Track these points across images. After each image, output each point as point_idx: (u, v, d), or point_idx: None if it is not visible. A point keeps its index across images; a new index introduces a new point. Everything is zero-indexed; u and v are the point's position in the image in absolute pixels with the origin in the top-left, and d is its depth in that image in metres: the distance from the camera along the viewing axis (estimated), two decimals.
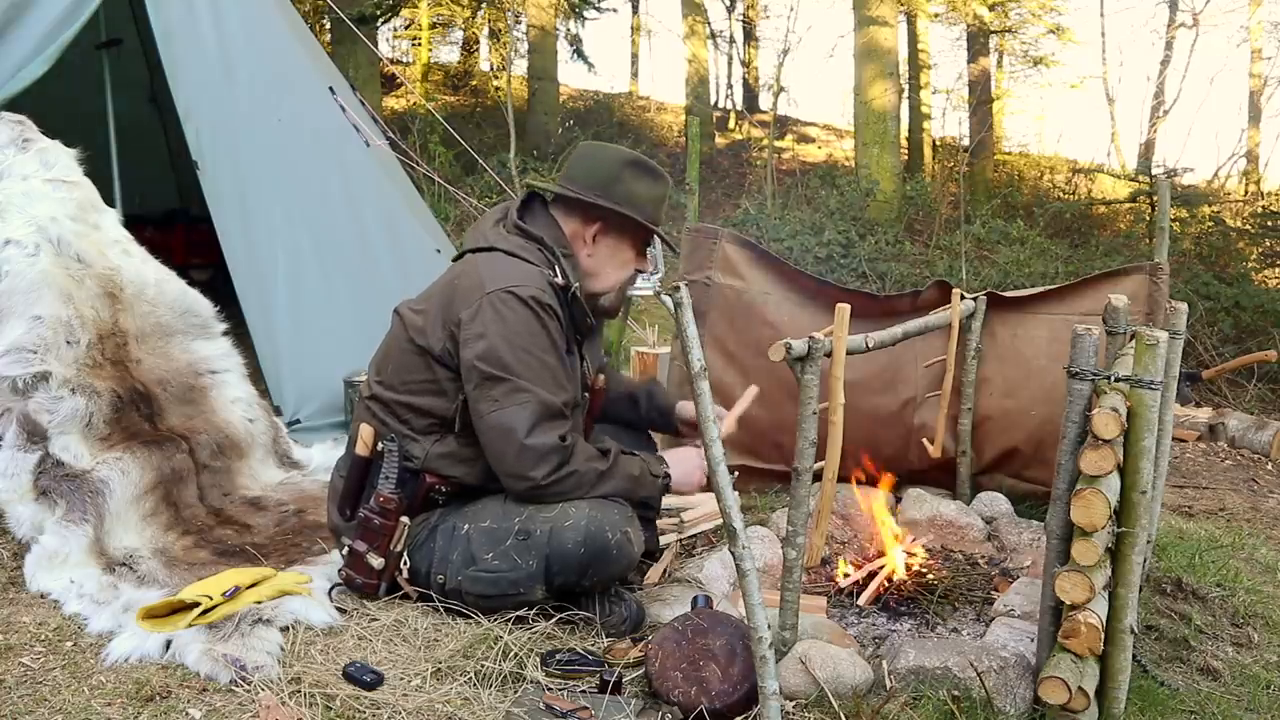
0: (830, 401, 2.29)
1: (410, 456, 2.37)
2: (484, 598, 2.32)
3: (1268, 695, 2.35)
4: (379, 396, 2.42)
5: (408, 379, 2.38)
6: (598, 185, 2.45)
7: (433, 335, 2.34)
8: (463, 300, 2.32)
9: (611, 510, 2.34)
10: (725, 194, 12.07)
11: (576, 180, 2.47)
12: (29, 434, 2.64)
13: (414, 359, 2.38)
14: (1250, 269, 8.70)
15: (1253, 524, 3.86)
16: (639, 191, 2.46)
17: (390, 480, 2.36)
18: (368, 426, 2.41)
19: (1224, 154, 25.51)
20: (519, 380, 2.26)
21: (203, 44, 4.03)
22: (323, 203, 4.27)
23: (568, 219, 2.49)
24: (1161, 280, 3.20)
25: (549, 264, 2.40)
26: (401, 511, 2.35)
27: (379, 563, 2.35)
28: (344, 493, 2.46)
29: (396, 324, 2.47)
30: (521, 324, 2.28)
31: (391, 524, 2.35)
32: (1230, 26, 24.00)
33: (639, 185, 2.47)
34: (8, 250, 2.87)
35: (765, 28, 21.80)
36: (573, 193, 2.45)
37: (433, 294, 2.45)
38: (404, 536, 2.36)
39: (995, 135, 13.64)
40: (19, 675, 2.01)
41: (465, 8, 13.22)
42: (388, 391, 2.40)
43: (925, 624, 2.54)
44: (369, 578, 2.37)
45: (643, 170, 2.50)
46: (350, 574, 2.39)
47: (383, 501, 2.35)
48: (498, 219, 2.51)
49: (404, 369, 2.39)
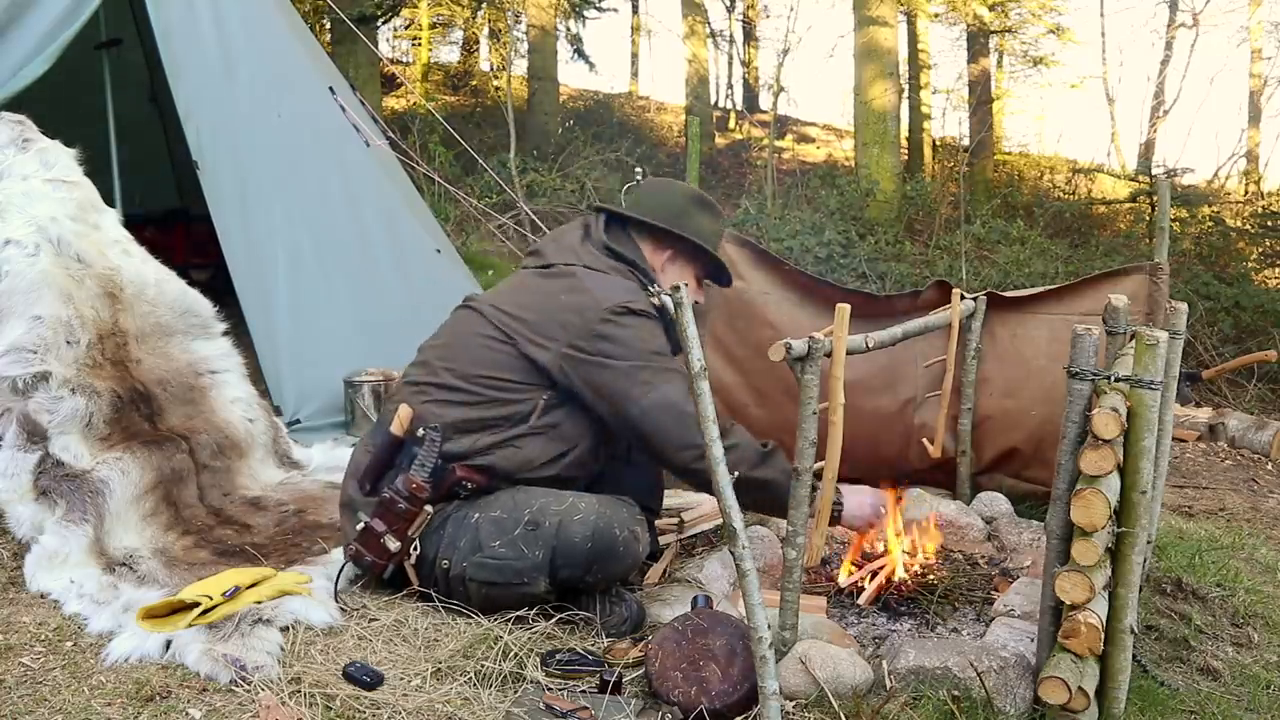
0: (830, 401, 2.29)
1: (450, 451, 2.38)
2: (487, 584, 2.32)
3: (1268, 695, 2.35)
4: (445, 383, 2.44)
5: (492, 374, 2.43)
6: (670, 217, 2.63)
7: (542, 345, 2.42)
8: (582, 318, 2.41)
9: (621, 508, 2.38)
10: (725, 194, 12.06)
11: (647, 210, 2.65)
12: (29, 434, 2.64)
13: (507, 359, 2.44)
14: (1250, 269, 8.71)
15: (1253, 524, 3.86)
16: (705, 225, 2.67)
17: (425, 468, 2.35)
18: (406, 407, 2.43)
19: (1224, 154, 25.54)
20: (662, 363, 2.40)
21: (203, 44, 4.03)
22: (323, 203, 4.28)
23: (640, 244, 2.64)
24: (1161, 280, 3.20)
25: (642, 286, 2.54)
26: (428, 500, 2.36)
27: (395, 545, 2.35)
28: (369, 467, 2.45)
29: (473, 319, 2.52)
30: (647, 330, 2.44)
31: (416, 510, 2.35)
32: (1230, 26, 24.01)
33: (704, 219, 2.68)
34: (8, 250, 2.87)
35: (765, 28, 21.79)
36: (651, 220, 2.62)
37: (530, 303, 2.49)
38: (423, 525, 2.37)
39: (995, 135, 13.65)
40: (19, 675, 2.01)
41: (465, 8, 13.22)
42: (459, 380, 2.44)
43: (925, 624, 2.54)
44: (380, 557, 2.36)
45: (707, 207, 2.72)
46: (360, 549, 2.38)
47: (414, 488, 2.34)
48: (582, 236, 2.63)
49: (487, 364, 2.44)
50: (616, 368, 2.37)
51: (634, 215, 2.64)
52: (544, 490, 2.41)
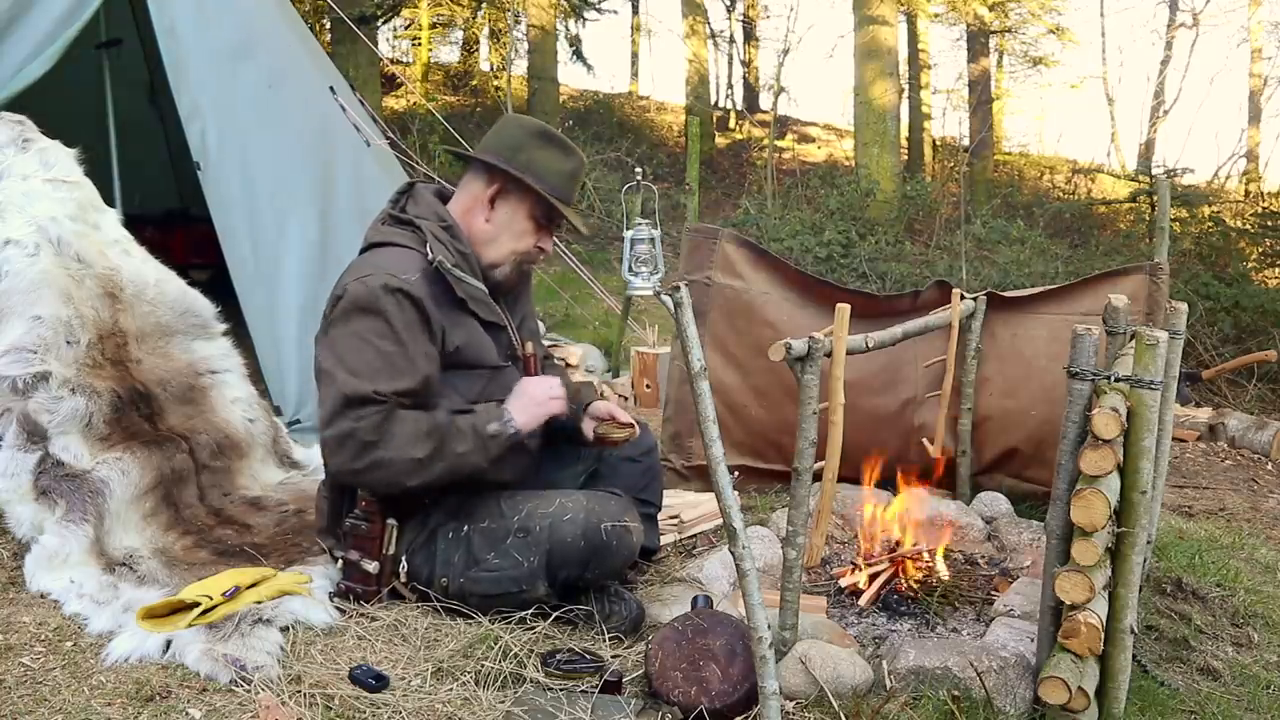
0: (830, 401, 2.29)
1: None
2: (488, 597, 2.32)
3: (1268, 695, 2.35)
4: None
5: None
6: (503, 149, 2.44)
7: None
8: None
9: (610, 502, 2.37)
10: (725, 194, 12.08)
11: (486, 146, 2.48)
12: (29, 434, 2.63)
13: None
14: (1250, 269, 8.69)
15: (1253, 524, 3.86)
16: (542, 160, 2.44)
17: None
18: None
19: (1224, 154, 25.56)
20: (332, 370, 2.26)
21: (204, 44, 4.03)
22: (323, 203, 4.27)
23: (472, 184, 2.47)
24: (1161, 280, 3.20)
25: (420, 243, 2.37)
26: (385, 513, 2.35)
27: (374, 567, 2.35)
28: (329, 513, 2.47)
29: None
30: (356, 313, 2.27)
31: (379, 526, 2.35)
32: (1230, 26, 24.05)
33: (543, 154, 2.44)
34: (8, 250, 2.87)
35: (765, 28, 21.84)
36: (478, 155, 2.46)
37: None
38: (393, 538, 2.36)
39: (995, 135, 13.66)
40: (19, 675, 2.01)
41: (465, 8, 13.23)
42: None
43: (925, 624, 2.54)
44: (367, 584, 2.36)
45: (550, 141, 2.47)
46: (348, 586, 2.38)
47: (365, 506, 2.36)
48: (379, 219, 2.51)
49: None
50: (318, 360, 2.32)
51: (466, 153, 2.55)
52: (528, 493, 2.40)
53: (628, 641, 2.36)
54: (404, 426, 2.24)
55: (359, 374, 2.23)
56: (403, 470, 2.24)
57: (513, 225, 2.46)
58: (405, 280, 2.27)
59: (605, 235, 9.86)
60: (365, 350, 2.25)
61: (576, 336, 6.33)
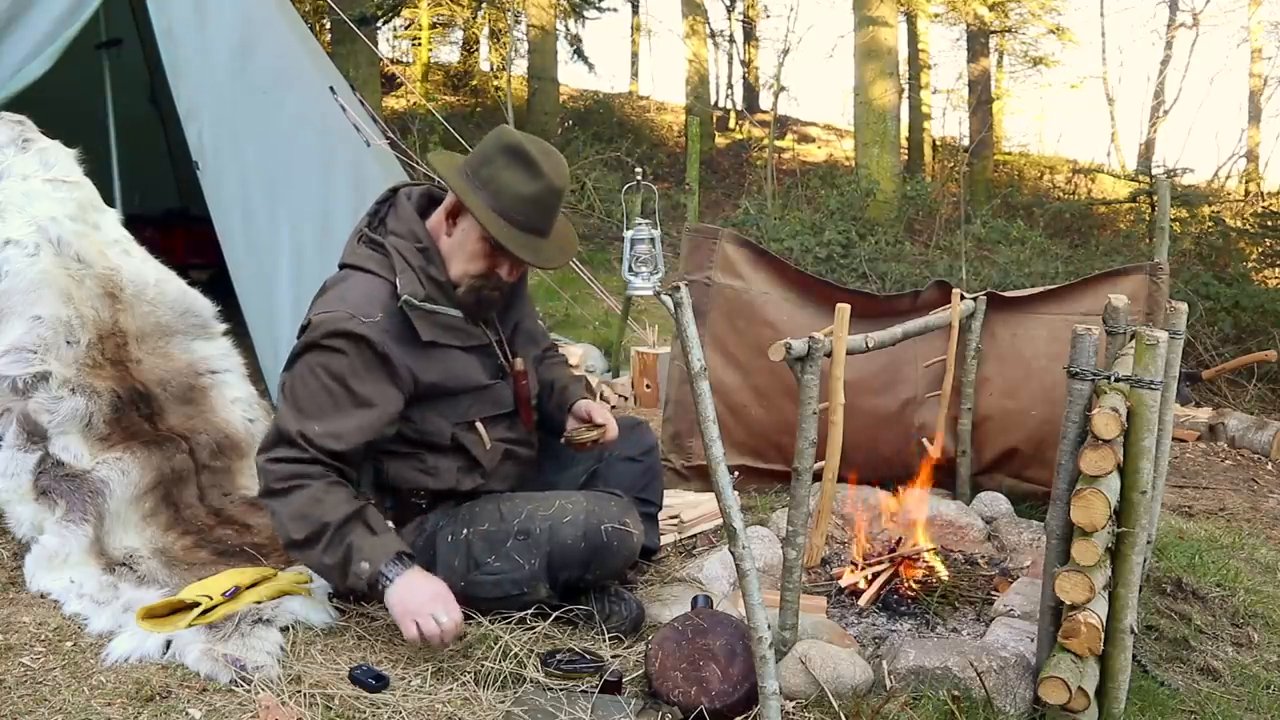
0: (830, 401, 2.29)
1: (380, 471, 2.40)
2: (490, 601, 2.32)
3: (1268, 695, 2.35)
4: None
5: None
6: (471, 161, 2.28)
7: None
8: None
9: (609, 503, 2.36)
10: (725, 194, 12.08)
11: (470, 155, 2.31)
12: (29, 434, 2.63)
13: None
14: (1250, 269, 8.69)
15: (1253, 524, 3.86)
16: (504, 179, 2.23)
17: (365, 491, 2.37)
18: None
19: (1224, 154, 25.54)
20: (284, 396, 2.25)
21: (204, 44, 4.03)
22: (323, 203, 4.27)
23: (449, 195, 2.35)
24: (1161, 280, 3.20)
25: (392, 271, 2.28)
26: (384, 515, 2.35)
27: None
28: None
29: None
30: (315, 348, 2.22)
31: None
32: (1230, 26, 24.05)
33: (508, 173, 2.23)
34: (8, 250, 2.87)
35: (765, 27, 21.85)
36: (440, 167, 2.31)
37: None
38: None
39: (995, 135, 13.66)
40: (19, 675, 2.01)
41: (465, 8, 13.23)
42: None
43: (925, 624, 2.54)
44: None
45: (519, 160, 2.23)
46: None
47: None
48: (356, 232, 2.42)
49: None
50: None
51: (442, 159, 2.37)
52: (527, 495, 2.40)
53: (628, 641, 2.36)
54: (301, 498, 2.17)
55: (301, 410, 2.21)
56: (281, 534, 2.24)
57: (465, 245, 2.32)
58: (367, 324, 2.20)
59: (605, 235, 9.86)
60: (312, 384, 2.22)
61: (576, 336, 6.33)
